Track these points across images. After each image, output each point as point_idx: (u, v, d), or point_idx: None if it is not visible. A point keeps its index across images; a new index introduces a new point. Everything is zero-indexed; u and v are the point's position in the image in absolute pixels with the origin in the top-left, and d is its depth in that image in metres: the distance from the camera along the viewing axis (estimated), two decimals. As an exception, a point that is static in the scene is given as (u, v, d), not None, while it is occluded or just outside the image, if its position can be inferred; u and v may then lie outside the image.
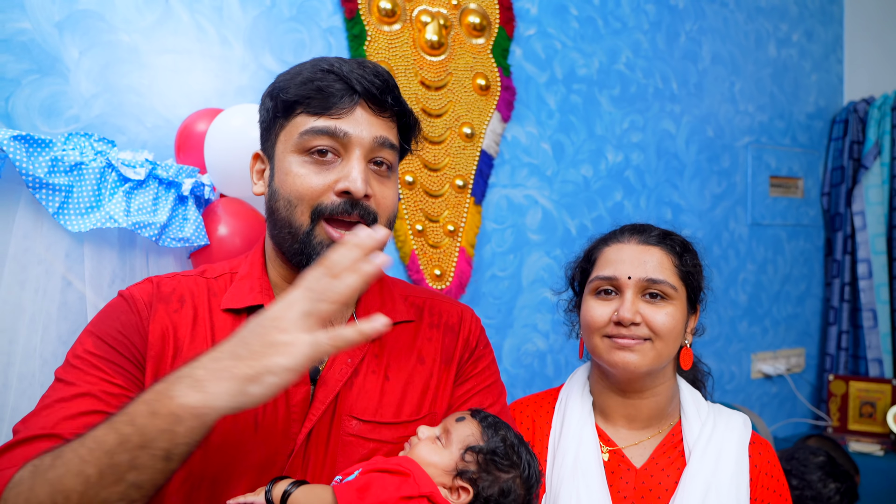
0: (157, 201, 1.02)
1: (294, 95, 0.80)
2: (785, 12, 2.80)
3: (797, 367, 2.85)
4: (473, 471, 0.74)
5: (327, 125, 0.78)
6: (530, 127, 2.16)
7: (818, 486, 1.75)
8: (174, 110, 1.64)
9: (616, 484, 1.00)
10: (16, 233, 0.95)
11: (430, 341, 0.90)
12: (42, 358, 0.94)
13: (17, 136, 0.94)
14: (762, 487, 1.02)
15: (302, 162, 0.80)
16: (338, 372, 0.81)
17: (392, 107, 0.82)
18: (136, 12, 1.60)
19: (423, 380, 0.87)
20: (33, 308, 0.94)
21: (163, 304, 0.80)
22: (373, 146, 0.80)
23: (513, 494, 0.75)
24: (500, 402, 0.92)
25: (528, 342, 2.17)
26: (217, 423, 0.69)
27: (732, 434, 1.02)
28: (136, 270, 1.02)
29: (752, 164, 2.69)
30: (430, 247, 1.96)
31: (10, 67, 1.47)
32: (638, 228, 1.10)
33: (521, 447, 0.78)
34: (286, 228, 0.80)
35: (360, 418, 0.81)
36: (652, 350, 1.00)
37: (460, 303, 0.98)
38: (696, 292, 1.08)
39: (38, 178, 0.93)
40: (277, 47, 1.77)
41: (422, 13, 1.93)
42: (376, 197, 0.81)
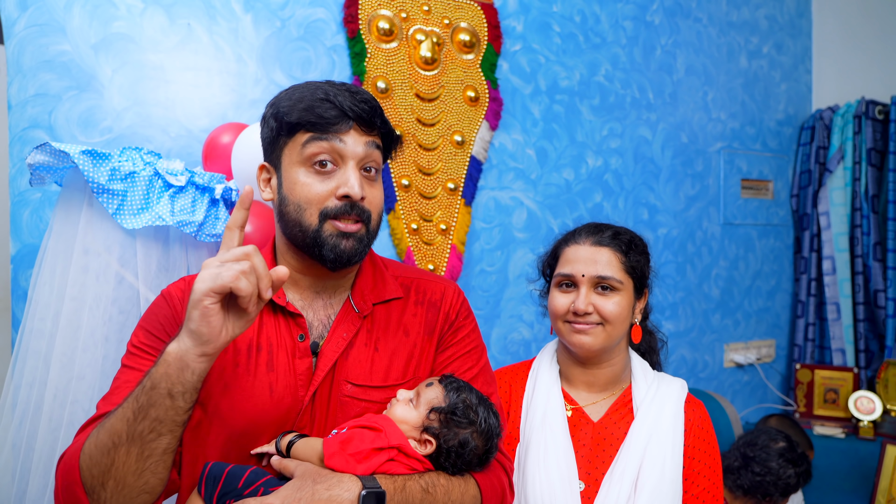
0: (195, 203, 1.21)
1: (297, 119, 0.94)
2: (756, 26, 3.00)
3: (768, 358, 3.05)
4: (436, 427, 0.92)
5: (329, 143, 0.94)
6: (516, 134, 2.36)
7: (778, 472, 1.93)
8: (195, 121, 1.83)
9: (577, 435, 1.21)
10: (80, 230, 1.14)
11: (414, 317, 1.05)
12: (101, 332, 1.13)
13: (85, 151, 1.14)
14: (694, 437, 1.22)
15: (307, 172, 0.95)
16: (335, 345, 0.98)
17: (378, 127, 0.99)
18: (162, 34, 1.79)
19: (408, 350, 1.02)
20: (95, 290, 1.14)
21: None
22: (363, 157, 0.97)
23: (470, 445, 0.91)
24: (479, 365, 1.08)
25: (514, 331, 2.37)
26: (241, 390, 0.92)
27: (671, 394, 1.23)
28: (177, 261, 1.22)
29: (725, 167, 2.89)
30: (425, 244, 2.16)
31: (52, 85, 1.67)
32: (593, 229, 1.29)
33: (481, 407, 0.94)
34: (297, 228, 0.95)
35: (354, 382, 0.97)
36: (603, 332, 1.21)
37: (445, 280, 1.14)
38: (642, 281, 1.27)
39: (101, 185, 1.13)
40: (287, 64, 1.96)
41: (417, 32, 2.13)
42: (368, 198, 0.97)
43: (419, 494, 0.87)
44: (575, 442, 1.19)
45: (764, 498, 1.94)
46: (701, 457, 1.21)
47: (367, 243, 0.99)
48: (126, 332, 1.19)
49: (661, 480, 1.13)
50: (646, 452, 1.15)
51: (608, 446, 1.20)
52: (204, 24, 1.85)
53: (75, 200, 1.18)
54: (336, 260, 0.96)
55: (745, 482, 1.93)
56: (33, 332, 1.17)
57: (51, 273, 1.17)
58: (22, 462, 1.15)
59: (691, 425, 1.22)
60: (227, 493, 0.85)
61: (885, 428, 2.65)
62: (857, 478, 2.60)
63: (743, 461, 1.96)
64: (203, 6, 1.84)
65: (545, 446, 1.15)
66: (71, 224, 1.17)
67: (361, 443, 0.88)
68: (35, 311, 1.18)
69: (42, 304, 1.16)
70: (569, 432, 1.19)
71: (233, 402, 0.93)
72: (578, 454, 1.18)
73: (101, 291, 1.14)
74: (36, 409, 1.16)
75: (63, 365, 1.12)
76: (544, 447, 1.15)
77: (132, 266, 1.17)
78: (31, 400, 1.16)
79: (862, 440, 2.63)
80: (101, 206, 1.15)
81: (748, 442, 2.02)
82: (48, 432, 1.11)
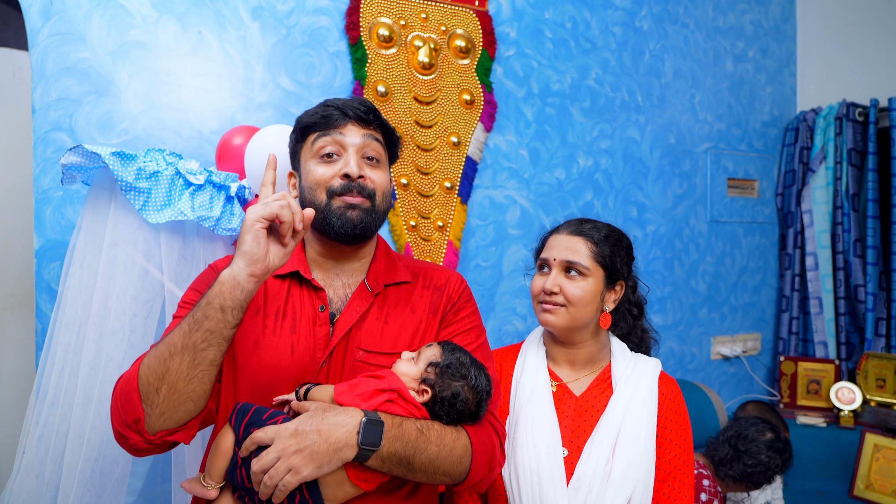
0: (213, 200, 1.32)
1: (307, 122, 1.15)
2: (741, 31, 3.12)
3: (753, 350, 3.17)
4: (432, 379, 1.05)
5: (331, 135, 1.13)
6: (510, 136, 2.47)
7: (768, 463, 2.05)
8: (206, 124, 1.94)
9: (561, 408, 1.33)
10: (109, 225, 1.26)
11: (421, 298, 1.20)
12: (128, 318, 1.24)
13: (114, 152, 1.25)
14: (666, 409, 1.34)
15: (316, 163, 1.13)
16: (349, 316, 1.13)
17: (374, 121, 1.16)
18: (175, 42, 1.90)
19: (414, 325, 1.17)
20: (123, 279, 1.25)
21: None
22: (362, 145, 1.14)
23: (461, 397, 1.04)
24: (477, 342, 1.20)
25: (508, 324, 2.48)
26: (267, 348, 1.08)
27: (646, 371, 1.36)
28: (196, 253, 1.33)
29: (711, 167, 3.01)
30: (423, 240, 2.27)
31: (73, 90, 1.78)
32: (576, 222, 1.41)
33: (473, 367, 1.08)
34: (311, 207, 1.11)
35: (365, 349, 1.12)
36: (566, 314, 1.33)
37: (450, 270, 1.30)
38: (614, 272, 1.38)
39: (128, 183, 1.23)
40: (292, 69, 2.08)
41: (415, 38, 2.24)
42: (370, 178, 1.13)
43: (414, 433, 1.00)
44: (559, 414, 1.31)
45: (753, 485, 2.06)
46: (673, 427, 1.33)
47: (373, 217, 1.14)
48: (150, 319, 1.31)
49: (637, 447, 1.25)
50: (623, 423, 1.27)
51: (589, 417, 1.32)
52: (214, 32, 1.96)
53: (102, 198, 1.30)
54: (344, 228, 1.11)
55: (737, 473, 2.04)
56: (63, 322, 1.29)
57: (80, 267, 1.28)
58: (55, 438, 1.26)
59: (664, 399, 1.34)
60: (253, 423, 0.99)
61: (865, 417, 2.76)
62: (837, 465, 2.70)
63: (734, 454, 2.07)
64: (213, 15, 1.95)
65: (532, 418, 1.27)
66: (99, 221, 1.28)
67: (366, 386, 1.02)
68: (66, 301, 1.29)
69: (72, 295, 1.28)
70: (554, 405, 1.31)
71: (260, 358, 1.08)
72: (562, 425, 1.30)
73: (128, 281, 1.26)
74: (67, 391, 1.27)
75: (94, 348, 1.24)
76: (531, 419, 1.27)
77: (156, 258, 1.28)
78: (63, 383, 1.28)
79: (843, 429, 2.73)
80: (127, 204, 1.27)
81: (738, 435, 2.12)
82: (82, 409, 1.23)
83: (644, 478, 1.24)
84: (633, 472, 1.22)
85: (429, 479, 1.03)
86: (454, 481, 1.07)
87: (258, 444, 0.96)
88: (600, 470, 1.22)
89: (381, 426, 0.97)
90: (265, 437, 0.95)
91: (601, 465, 1.23)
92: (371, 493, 1.02)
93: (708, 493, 1.96)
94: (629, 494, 1.22)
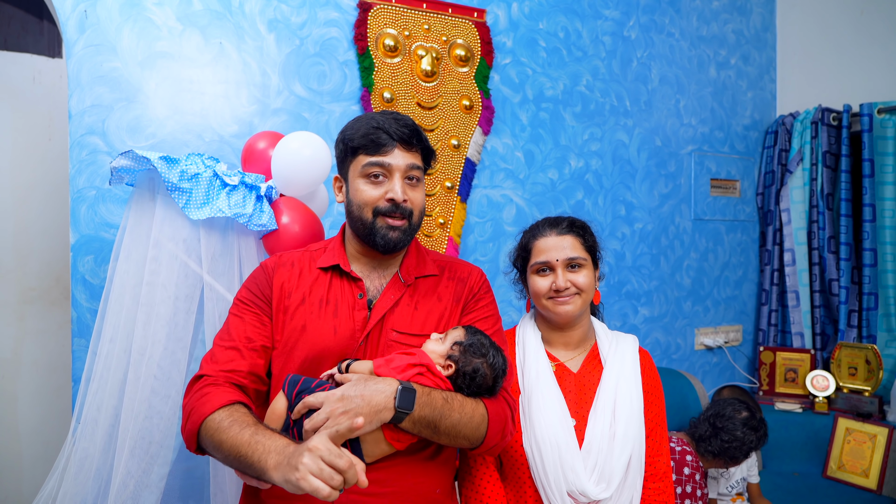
0: (245, 199, 1.47)
1: (358, 143, 1.27)
2: (724, 40, 3.29)
3: (735, 341, 3.35)
4: (457, 355, 1.22)
5: (379, 160, 1.26)
6: (506, 139, 2.63)
7: (743, 438, 2.23)
8: (226, 128, 2.09)
9: (563, 384, 1.51)
10: (155, 222, 1.41)
11: (446, 289, 1.36)
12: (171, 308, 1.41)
13: (161, 157, 1.40)
14: (646, 377, 1.56)
15: (365, 182, 1.27)
16: (384, 302, 1.29)
17: (417, 145, 1.30)
18: (198, 52, 2.05)
19: (440, 311, 1.33)
20: (166, 272, 1.40)
21: (281, 267, 1.33)
22: (406, 170, 1.28)
23: (480, 372, 1.20)
24: (493, 328, 1.37)
25: (505, 315, 2.63)
26: (314, 331, 1.25)
27: (629, 347, 1.57)
28: (231, 246, 1.49)
29: (695, 168, 3.18)
30: (425, 236, 2.43)
31: (105, 97, 1.92)
32: (553, 223, 1.58)
33: (491, 348, 1.24)
34: (359, 222, 1.28)
35: (398, 330, 1.28)
36: (580, 300, 1.52)
37: (472, 265, 1.46)
38: (596, 255, 1.58)
39: (173, 184, 1.38)
40: (305, 77, 2.22)
41: (418, 48, 2.40)
42: (411, 200, 1.28)
43: (440, 401, 1.17)
44: (563, 389, 1.50)
45: (731, 460, 2.24)
46: (652, 391, 1.56)
47: (410, 234, 1.30)
48: (192, 304, 1.47)
49: (631, 411, 1.45)
50: (617, 392, 1.47)
51: (587, 391, 1.51)
52: (233, 42, 2.10)
53: (146, 198, 1.45)
54: (385, 246, 1.28)
55: (715, 448, 2.23)
56: (112, 311, 1.44)
57: (126, 261, 1.44)
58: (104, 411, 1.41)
59: (644, 368, 1.56)
60: (304, 391, 1.15)
61: (838, 403, 2.92)
62: (812, 447, 2.87)
63: (713, 431, 2.25)
64: (233, 27, 2.10)
65: (543, 396, 1.46)
66: (144, 218, 1.43)
67: (400, 360, 1.18)
68: (114, 293, 1.44)
69: (119, 287, 1.43)
70: (557, 383, 1.50)
71: (307, 338, 1.25)
72: (567, 399, 1.49)
73: (171, 273, 1.42)
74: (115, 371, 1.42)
75: (142, 332, 1.40)
76: (542, 397, 1.46)
77: (195, 252, 1.44)
78: (112, 365, 1.43)
79: (817, 414, 2.90)
80: (168, 204, 1.42)
81: (716, 414, 2.30)
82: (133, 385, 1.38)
83: (639, 435, 1.45)
84: (631, 432, 1.43)
85: (451, 441, 1.20)
86: (472, 445, 1.23)
87: (309, 407, 1.11)
88: (606, 433, 1.42)
89: (413, 393, 1.12)
90: (315, 401, 1.11)
91: (606, 429, 1.42)
92: (402, 453, 1.19)
93: (690, 468, 2.14)
94: (630, 450, 1.42)
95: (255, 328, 1.27)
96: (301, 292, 1.29)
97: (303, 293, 1.29)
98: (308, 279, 1.31)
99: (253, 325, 1.27)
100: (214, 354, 1.24)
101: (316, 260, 1.35)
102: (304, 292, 1.29)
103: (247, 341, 1.25)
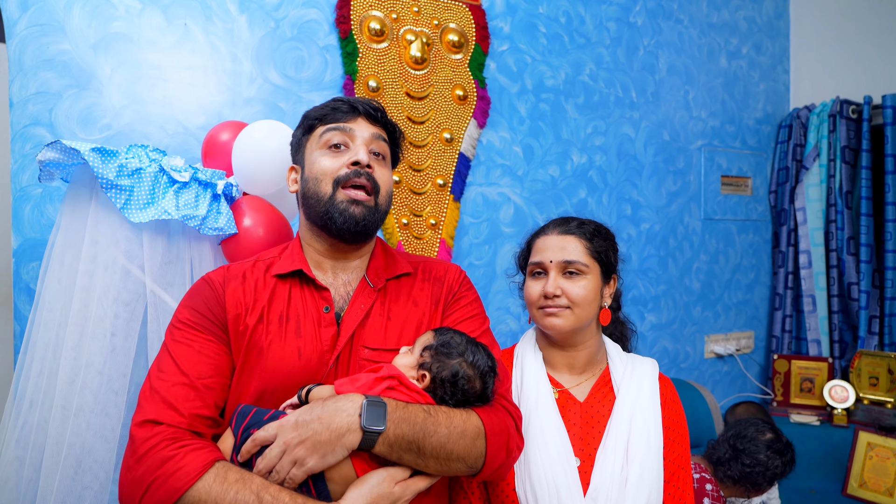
0: (198, 198, 1.26)
1: (316, 115, 1.14)
2: (735, 27, 3.10)
3: (747, 348, 3.16)
4: (428, 361, 1.01)
5: (340, 125, 1.12)
6: (503, 132, 2.43)
7: (767, 463, 2.01)
8: (192, 119, 1.88)
9: (566, 415, 1.29)
10: (89, 224, 1.19)
11: (422, 291, 1.19)
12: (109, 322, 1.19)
13: (94, 148, 1.19)
14: (668, 409, 1.32)
15: (323, 153, 1.12)
16: (354, 314, 1.11)
17: (381, 120, 1.16)
18: (160, 34, 1.84)
19: (417, 318, 1.15)
20: (103, 282, 1.19)
21: (232, 280, 1.12)
22: (371, 139, 1.13)
23: (461, 373, 1.00)
24: (480, 329, 1.18)
25: (502, 323, 2.44)
26: (273, 354, 1.04)
27: (646, 373, 1.33)
28: (181, 254, 1.27)
29: (705, 164, 2.98)
30: (415, 238, 2.22)
31: (53, 83, 1.71)
32: (560, 221, 1.37)
33: (469, 344, 1.04)
34: (314, 198, 1.10)
35: (370, 347, 1.09)
36: (572, 315, 1.28)
37: (448, 262, 1.28)
38: (609, 266, 1.35)
39: (109, 180, 1.18)
40: (281, 63, 2.02)
41: (407, 32, 2.19)
42: (377, 172, 1.12)
43: (421, 415, 0.95)
44: (566, 422, 1.27)
45: (753, 487, 2.03)
46: (675, 426, 1.31)
47: (375, 214, 1.12)
48: (133, 322, 1.25)
49: (648, 450, 1.22)
50: (632, 427, 1.24)
51: (596, 423, 1.28)
52: (200, 24, 1.90)
53: (83, 196, 1.24)
54: (345, 224, 1.09)
55: (735, 473, 2.01)
56: (42, 323, 1.23)
57: (59, 266, 1.22)
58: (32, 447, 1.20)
59: (665, 399, 1.32)
60: (253, 425, 0.95)
61: (858, 415, 2.76)
62: (831, 463, 2.70)
63: (733, 453, 2.03)
64: (199, 7, 1.89)
65: (542, 428, 1.23)
66: (79, 219, 1.22)
67: (366, 377, 0.99)
68: (44, 302, 1.23)
69: (51, 295, 1.22)
70: (559, 413, 1.27)
71: (266, 365, 1.04)
72: (570, 433, 1.26)
73: (109, 283, 1.20)
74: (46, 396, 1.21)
75: (73, 353, 1.18)
76: (541, 429, 1.23)
77: (138, 258, 1.23)
78: (41, 387, 1.21)
79: (836, 427, 2.73)
80: (107, 202, 1.21)
81: (737, 434, 2.08)
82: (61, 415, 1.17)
83: (657, 480, 1.22)
84: (647, 477, 1.20)
85: (442, 467, 0.97)
86: (471, 469, 1.01)
87: (261, 444, 0.92)
88: (616, 477, 1.19)
89: (383, 407, 0.93)
90: (267, 434, 0.92)
91: (617, 472, 1.20)
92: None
93: (711, 498, 1.93)
94: (646, 499, 1.19)
95: (208, 359, 1.04)
96: (258, 308, 1.09)
97: (260, 309, 1.09)
98: (264, 292, 1.11)
99: (206, 356, 1.04)
100: (160, 392, 1.00)
101: (271, 268, 1.15)
102: (261, 308, 1.09)
103: (201, 376, 1.02)
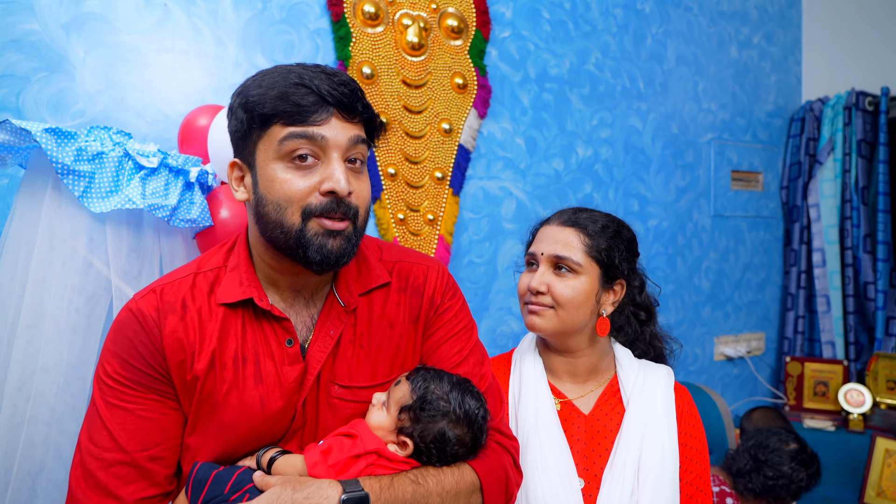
0: (168, 187, 1.14)
1: (271, 110, 0.84)
2: (746, 16, 2.98)
3: (758, 350, 3.04)
4: (409, 426, 0.87)
5: (306, 131, 0.84)
6: (505, 123, 2.31)
7: (791, 475, 1.88)
8: (172, 106, 1.76)
9: (569, 429, 1.16)
10: (44, 215, 1.07)
11: (398, 305, 0.99)
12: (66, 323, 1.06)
13: (48, 129, 1.07)
14: (684, 423, 1.19)
15: (285, 168, 0.85)
16: (321, 345, 0.92)
17: (362, 112, 0.89)
18: (137, 14, 1.72)
19: (394, 343, 0.97)
20: (60, 278, 1.06)
21: (170, 315, 0.89)
22: (348, 146, 0.87)
23: (449, 435, 0.87)
24: (469, 346, 1.02)
25: (503, 324, 2.32)
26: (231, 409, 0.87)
27: (660, 383, 1.19)
28: (149, 247, 1.15)
29: (715, 159, 2.86)
30: (412, 234, 2.10)
31: (20, 66, 1.59)
32: (569, 211, 1.23)
33: (453, 393, 0.89)
34: (278, 229, 0.86)
35: (341, 384, 0.93)
36: (555, 316, 1.15)
37: (428, 259, 1.06)
38: (612, 270, 1.19)
39: (66, 166, 1.06)
40: (268, 47, 1.90)
41: (403, 16, 2.07)
42: (355, 192, 0.88)
43: (409, 487, 0.82)
44: (569, 437, 1.14)
45: (776, 501, 1.90)
46: (692, 443, 1.18)
47: (355, 242, 0.90)
48: (94, 322, 1.12)
49: (663, 470, 1.09)
50: (643, 443, 1.11)
51: (602, 439, 1.15)
52: (181, 4, 1.78)
53: (39, 183, 1.11)
54: (323, 261, 0.87)
55: (757, 486, 1.88)
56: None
57: (13, 260, 1.09)
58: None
59: (681, 412, 1.19)
60: (213, 499, 0.81)
61: (875, 420, 2.66)
62: (847, 471, 2.60)
63: (754, 464, 1.90)
64: (180, -14, 1.77)
65: (541, 445, 1.10)
66: (34, 208, 1.09)
67: (340, 452, 0.85)
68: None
69: (3, 293, 1.09)
70: (562, 428, 1.14)
71: (223, 421, 0.88)
72: (574, 450, 1.13)
73: (67, 279, 1.07)
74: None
75: (26, 357, 1.05)
76: (540, 446, 1.10)
77: (101, 252, 1.10)
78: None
79: (852, 433, 2.63)
80: (68, 189, 1.09)
81: (759, 444, 1.96)
82: (10, 428, 1.05)
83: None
84: (661, 500, 1.07)
85: None
86: None
87: None
88: (626, 501, 1.07)
89: (365, 500, 0.79)
90: None
91: (626, 496, 1.07)
92: None
93: None
94: None
95: (152, 424, 0.87)
96: (207, 350, 0.89)
97: (210, 351, 0.89)
98: (212, 327, 0.90)
99: (149, 420, 0.87)
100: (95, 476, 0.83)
101: (215, 289, 0.93)
102: (211, 350, 0.89)
103: (145, 447, 0.85)
